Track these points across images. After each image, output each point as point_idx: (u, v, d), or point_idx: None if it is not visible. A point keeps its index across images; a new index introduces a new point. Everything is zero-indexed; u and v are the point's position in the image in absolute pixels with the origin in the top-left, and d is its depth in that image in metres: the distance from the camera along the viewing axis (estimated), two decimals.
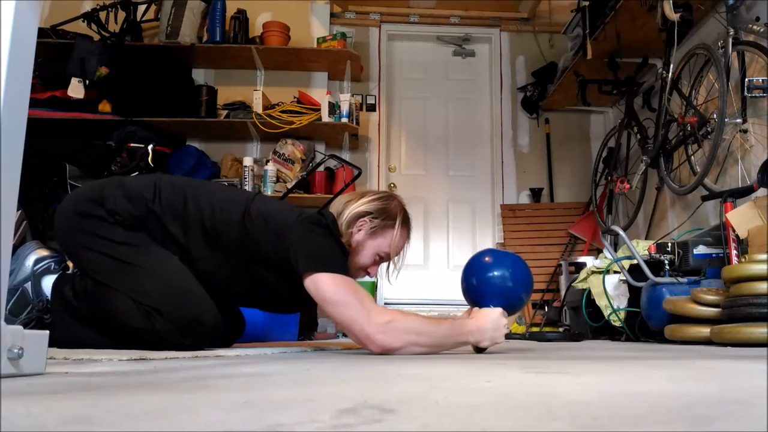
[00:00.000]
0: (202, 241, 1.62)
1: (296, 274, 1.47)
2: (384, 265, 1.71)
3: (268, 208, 1.65)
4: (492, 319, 1.47)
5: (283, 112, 3.98)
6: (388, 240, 1.64)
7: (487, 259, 1.62)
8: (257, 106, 3.99)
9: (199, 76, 4.29)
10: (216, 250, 1.62)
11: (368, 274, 1.69)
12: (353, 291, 1.41)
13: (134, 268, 1.57)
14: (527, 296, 1.60)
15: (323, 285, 1.43)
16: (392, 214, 1.65)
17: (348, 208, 1.63)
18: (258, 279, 1.65)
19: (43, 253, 1.71)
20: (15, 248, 1.67)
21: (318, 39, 4.24)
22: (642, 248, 2.70)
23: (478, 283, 1.57)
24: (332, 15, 4.59)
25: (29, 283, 1.66)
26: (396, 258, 1.70)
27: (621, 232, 2.71)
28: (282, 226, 1.56)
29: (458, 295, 1.70)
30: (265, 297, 1.75)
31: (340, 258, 1.50)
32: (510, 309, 1.55)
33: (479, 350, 1.52)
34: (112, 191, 1.62)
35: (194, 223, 1.62)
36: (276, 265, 1.56)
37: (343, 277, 1.43)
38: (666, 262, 2.53)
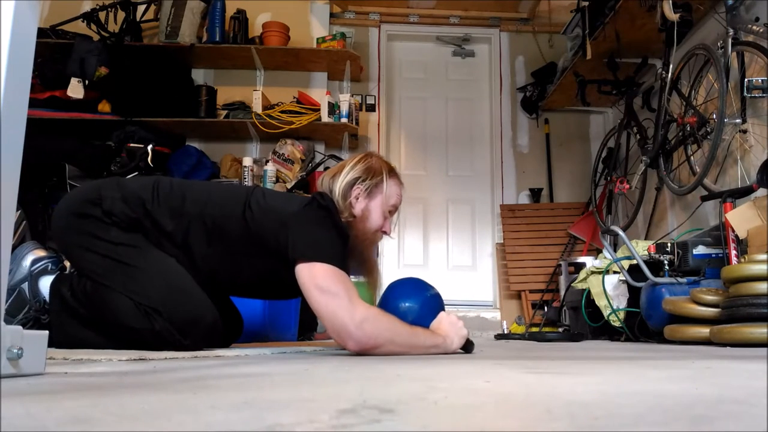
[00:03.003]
0: (203, 239, 1.63)
1: (291, 260, 1.48)
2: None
3: (268, 200, 1.67)
4: (448, 323, 1.52)
5: (282, 112, 3.98)
6: (384, 194, 1.69)
7: (390, 304, 1.69)
8: (257, 107, 3.99)
9: (199, 76, 4.29)
10: (217, 246, 1.63)
11: (386, 232, 1.72)
12: (344, 284, 1.42)
13: (133, 269, 1.57)
14: (431, 289, 1.71)
15: (316, 273, 1.43)
16: (377, 170, 1.70)
17: (336, 182, 1.66)
18: (261, 270, 1.66)
19: (41, 253, 1.71)
20: (14, 248, 1.66)
21: (317, 39, 4.24)
22: (641, 248, 2.69)
23: (413, 319, 1.60)
24: (332, 15, 4.59)
25: (26, 283, 1.66)
26: (396, 210, 1.75)
27: (620, 233, 2.71)
28: (283, 216, 1.57)
29: (458, 295, 1.74)
30: (268, 286, 1.78)
31: (338, 249, 1.51)
32: (440, 308, 1.64)
33: (465, 350, 1.56)
34: (110, 192, 1.63)
35: (194, 221, 1.63)
36: (278, 254, 1.57)
37: (336, 269, 1.44)
38: (665, 262, 2.53)
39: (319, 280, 1.43)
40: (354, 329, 1.36)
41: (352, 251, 1.61)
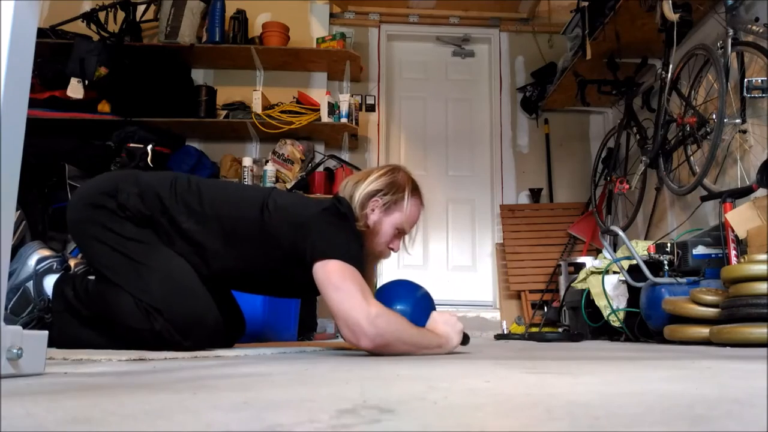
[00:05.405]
0: (219, 238, 1.64)
1: (309, 262, 1.48)
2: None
3: (286, 202, 1.68)
4: (443, 323, 1.52)
5: (282, 112, 3.98)
6: (402, 213, 1.67)
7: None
8: (256, 107, 3.99)
9: (199, 76, 4.29)
10: (232, 246, 1.64)
11: (393, 249, 1.71)
12: (358, 283, 1.42)
13: (140, 266, 1.58)
14: (420, 289, 1.69)
15: (331, 270, 1.44)
16: (401, 186, 1.67)
17: (358, 189, 1.65)
18: (274, 270, 1.67)
19: (45, 252, 1.72)
20: (14, 249, 1.67)
21: (317, 39, 4.24)
22: (641, 248, 2.70)
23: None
24: (332, 15, 4.59)
25: (31, 282, 1.67)
26: (413, 229, 1.74)
27: (620, 233, 2.71)
28: (301, 219, 1.58)
29: (458, 295, 1.73)
30: (279, 285, 1.78)
31: (355, 250, 1.51)
32: (431, 308, 1.63)
33: (462, 343, 1.57)
34: (126, 186, 1.64)
35: (211, 220, 1.64)
36: (294, 257, 1.58)
37: (352, 268, 1.44)
38: (665, 262, 2.54)
39: (332, 279, 1.43)
40: (367, 325, 1.36)
41: None
